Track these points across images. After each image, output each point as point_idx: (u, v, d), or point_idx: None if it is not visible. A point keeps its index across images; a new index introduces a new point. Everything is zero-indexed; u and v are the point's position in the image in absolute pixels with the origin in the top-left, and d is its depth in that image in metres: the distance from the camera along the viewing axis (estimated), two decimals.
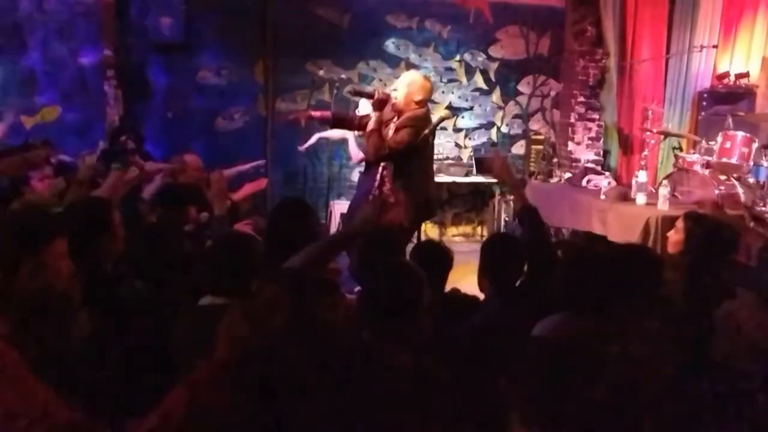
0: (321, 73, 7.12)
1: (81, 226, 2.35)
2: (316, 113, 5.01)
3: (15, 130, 6.05)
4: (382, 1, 7.26)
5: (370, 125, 4.59)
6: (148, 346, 2.22)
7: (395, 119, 4.63)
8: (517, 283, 2.84)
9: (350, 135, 6.11)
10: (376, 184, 4.70)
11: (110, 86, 6.51)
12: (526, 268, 2.86)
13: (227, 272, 2.23)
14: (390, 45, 7.36)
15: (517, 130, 7.86)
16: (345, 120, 5.10)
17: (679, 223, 3.54)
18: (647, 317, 2.17)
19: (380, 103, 4.59)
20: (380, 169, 4.72)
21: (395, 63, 7.38)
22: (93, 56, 6.59)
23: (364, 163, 5.13)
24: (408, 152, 4.51)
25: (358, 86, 6.88)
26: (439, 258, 3.03)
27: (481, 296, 2.89)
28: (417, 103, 4.61)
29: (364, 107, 5.20)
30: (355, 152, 6.11)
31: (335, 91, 6.54)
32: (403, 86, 4.65)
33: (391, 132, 4.61)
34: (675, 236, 3.54)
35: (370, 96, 4.71)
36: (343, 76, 6.96)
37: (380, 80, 7.28)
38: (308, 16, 7.08)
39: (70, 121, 6.56)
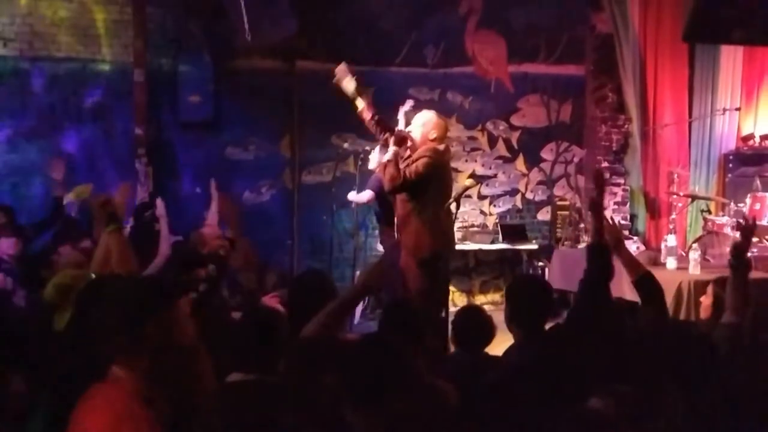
0: (346, 145, 7.22)
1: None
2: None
3: None
4: (404, 75, 7.42)
5: (387, 157, 4.60)
6: None
7: (411, 157, 4.63)
8: (547, 326, 2.82)
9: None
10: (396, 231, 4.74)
11: (141, 164, 6.65)
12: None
13: (256, 349, 2.22)
14: None
15: (542, 196, 7.87)
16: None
17: (710, 289, 3.58)
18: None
19: (401, 140, 4.63)
20: (395, 219, 4.77)
21: None
22: (125, 135, 6.77)
23: (384, 230, 5.15)
24: (423, 188, 4.48)
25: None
26: (482, 328, 2.99)
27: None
28: (432, 140, 4.63)
29: (374, 159, 5.61)
30: (365, 195, 6.12)
31: (359, 163, 6.63)
32: (418, 126, 4.68)
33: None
34: (706, 301, 3.59)
35: (391, 130, 4.78)
36: (367, 148, 7.04)
37: None
38: (332, 91, 7.21)
39: None
